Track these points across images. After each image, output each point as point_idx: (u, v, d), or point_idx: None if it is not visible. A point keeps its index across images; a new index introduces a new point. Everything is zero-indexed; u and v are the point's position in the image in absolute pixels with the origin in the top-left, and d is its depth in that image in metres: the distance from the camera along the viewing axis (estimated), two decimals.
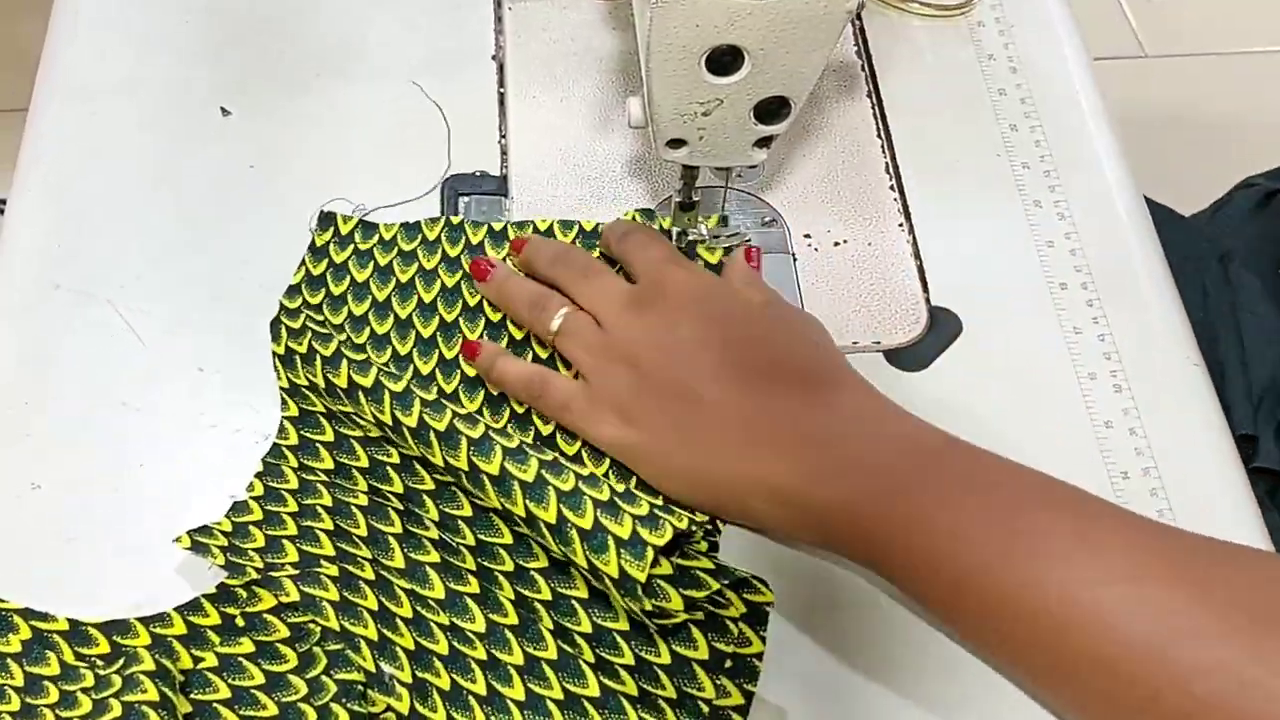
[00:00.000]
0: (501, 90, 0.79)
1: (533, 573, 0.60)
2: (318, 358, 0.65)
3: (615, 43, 0.81)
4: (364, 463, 0.64)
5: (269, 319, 0.68)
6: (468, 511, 0.62)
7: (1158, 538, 0.52)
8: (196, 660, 0.57)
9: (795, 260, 0.73)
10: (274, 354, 0.67)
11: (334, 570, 0.59)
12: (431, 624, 0.58)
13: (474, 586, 0.59)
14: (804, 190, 0.75)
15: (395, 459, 0.64)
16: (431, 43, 0.80)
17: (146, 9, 0.81)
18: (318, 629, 0.57)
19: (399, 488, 0.63)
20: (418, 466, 0.63)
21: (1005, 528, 0.52)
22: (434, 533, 0.61)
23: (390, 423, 0.62)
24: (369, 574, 0.59)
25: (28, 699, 0.56)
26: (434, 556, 0.60)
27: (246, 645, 0.58)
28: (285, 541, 0.61)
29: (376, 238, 0.71)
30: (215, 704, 0.56)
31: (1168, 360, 0.69)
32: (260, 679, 0.57)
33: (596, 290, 0.65)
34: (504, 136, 0.76)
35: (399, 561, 0.60)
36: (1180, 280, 0.74)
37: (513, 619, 0.58)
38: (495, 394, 0.66)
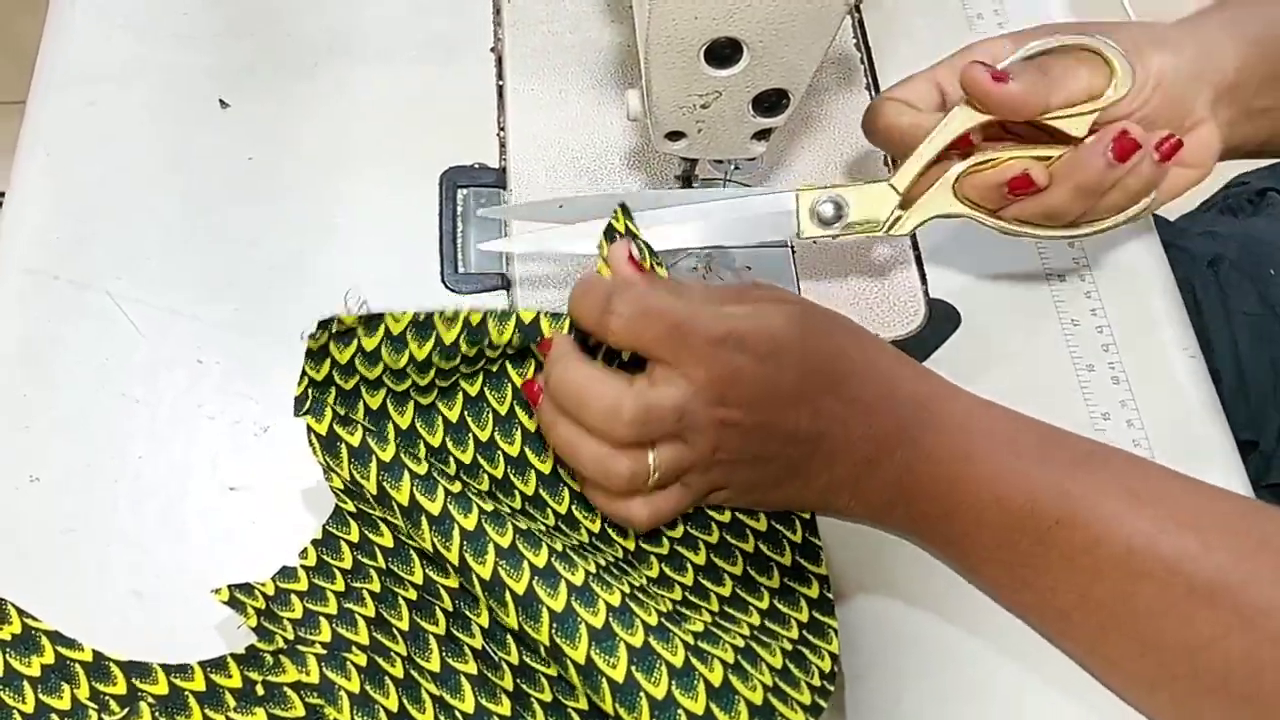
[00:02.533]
0: (500, 82, 0.78)
1: (570, 711, 0.56)
2: (374, 461, 0.57)
3: (614, 35, 0.80)
4: (427, 544, 0.58)
5: (267, 310, 0.68)
6: (515, 625, 0.56)
7: (1208, 491, 0.53)
8: None
9: (794, 253, 0.73)
10: (310, 430, 0.58)
11: (362, 659, 0.57)
12: None
13: (505, 708, 0.56)
14: (802, 182, 0.75)
15: (454, 555, 0.58)
16: (430, 34, 0.80)
17: (144, 1, 0.81)
18: (331, 717, 0.56)
19: (454, 583, 0.59)
20: (473, 574, 0.58)
21: (1060, 490, 0.52)
22: (478, 641, 0.58)
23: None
24: (398, 671, 0.57)
25: None
26: (471, 667, 0.57)
27: (259, 716, 0.56)
28: (322, 619, 0.58)
29: (382, 331, 0.59)
30: None
31: (1165, 352, 0.70)
32: None
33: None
34: (502, 128, 0.76)
35: (435, 665, 0.57)
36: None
37: None
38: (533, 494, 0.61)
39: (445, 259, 0.71)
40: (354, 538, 0.60)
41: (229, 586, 0.58)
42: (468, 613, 0.58)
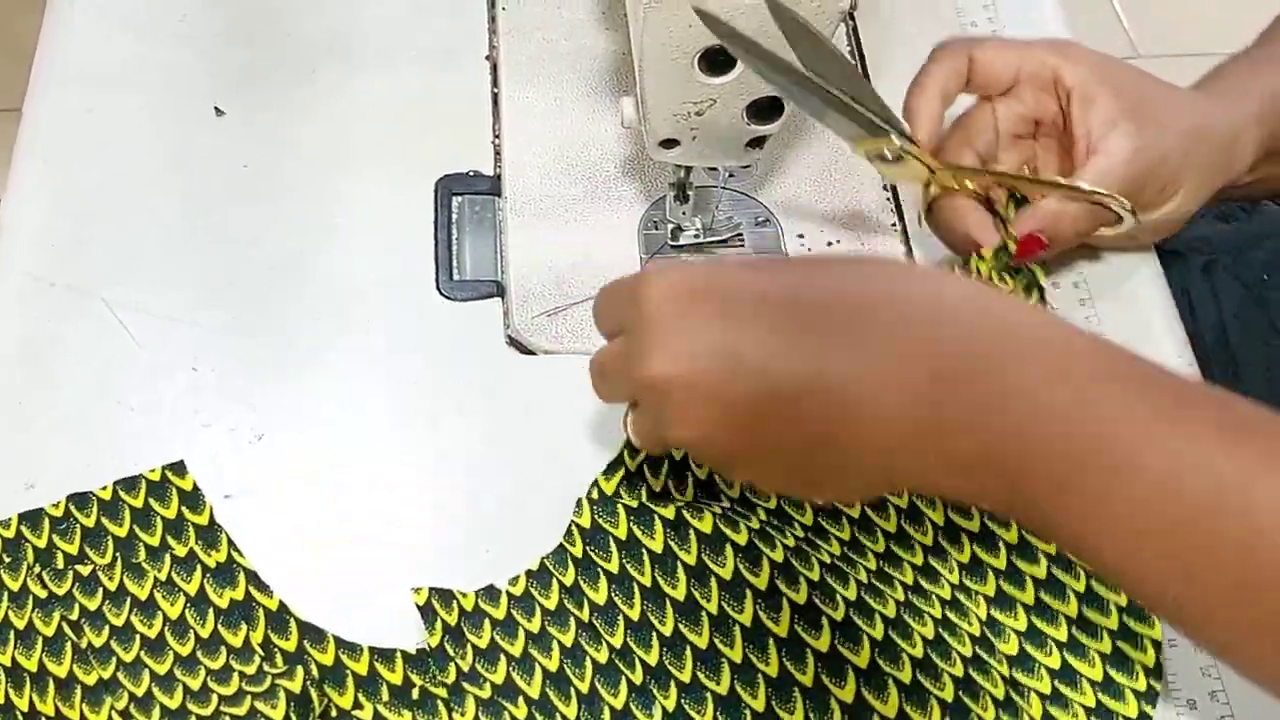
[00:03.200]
0: (495, 90, 0.79)
1: None
2: (657, 519, 0.59)
3: (608, 42, 0.81)
4: (635, 615, 0.58)
5: (265, 315, 0.69)
6: (708, 718, 0.56)
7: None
8: (356, 705, 0.57)
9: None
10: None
11: (522, 714, 0.56)
12: None
13: None
14: (797, 190, 0.76)
15: (667, 628, 0.57)
16: (425, 42, 0.81)
17: (142, 4, 0.81)
18: None
19: (653, 658, 0.57)
20: (687, 650, 0.57)
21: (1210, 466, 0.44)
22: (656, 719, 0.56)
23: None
24: None
25: (200, 652, 0.58)
26: None
27: (405, 719, 0.56)
28: (503, 659, 0.58)
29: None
30: None
31: (1161, 358, 0.70)
32: None
33: None
34: (497, 136, 0.77)
35: None
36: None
37: None
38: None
39: (440, 266, 0.72)
40: (568, 581, 0.59)
41: (430, 590, 0.59)
42: (655, 690, 0.56)
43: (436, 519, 0.63)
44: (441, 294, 0.71)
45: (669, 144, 0.66)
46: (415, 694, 0.57)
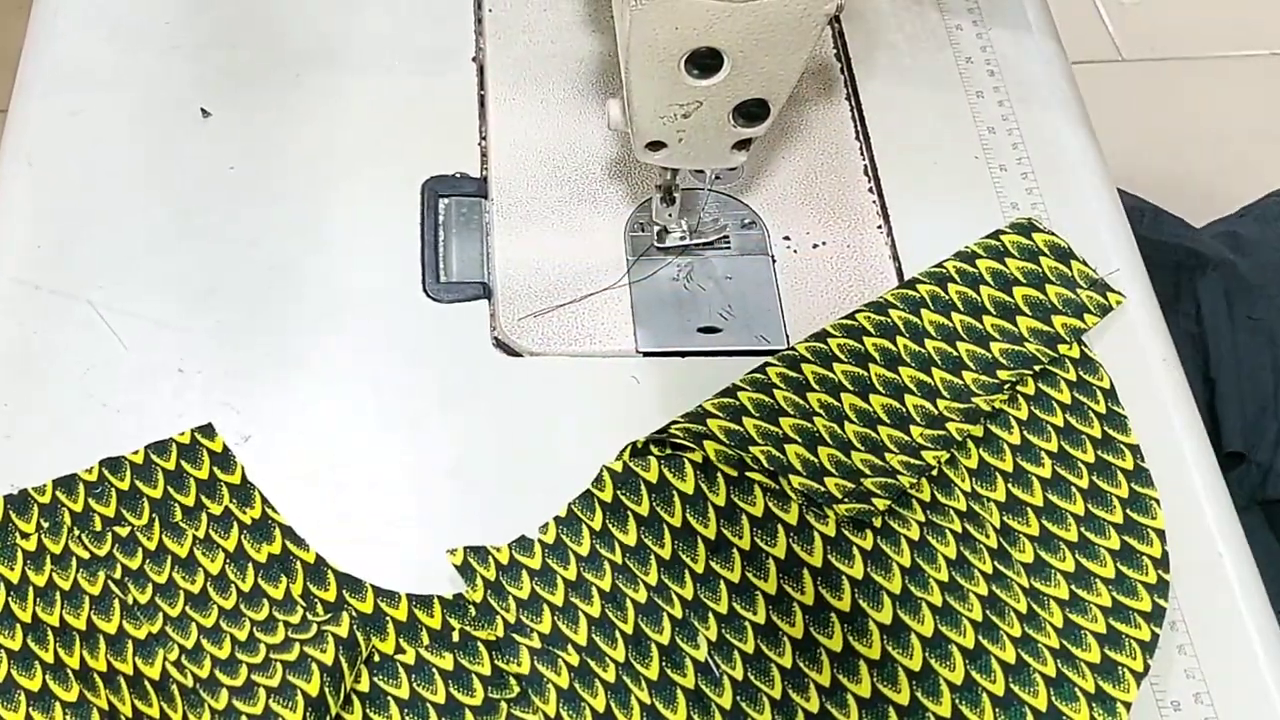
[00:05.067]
0: (482, 92, 0.79)
1: None
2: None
3: (595, 45, 0.81)
4: (666, 554, 0.60)
5: (251, 319, 0.69)
6: (749, 648, 0.58)
7: None
8: (399, 650, 0.58)
9: (774, 262, 0.73)
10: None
11: (575, 659, 0.58)
12: None
13: None
14: (783, 192, 0.76)
15: (699, 565, 0.60)
16: (411, 44, 0.81)
17: (128, 7, 0.81)
18: (517, 685, 0.57)
19: (689, 593, 0.59)
20: (720, 584, 0.59)
21: None
22: (702, 654, 0.58)
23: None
24: (609, 675, 0.58)
25: (242, 605, 0.59)
26: (689, 681, 0.57)
27: (447, 661, 0.58)
28: (546, 608, 0.59)
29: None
30: (390, 697, 0.57)
31: (1145, 359, 0.70)
32: (441, 698, 0.57)
33: None
34: (484, 138, 0.77)
35: (652, 673, 0.58)
36: (1172, 290, 0.73)
37: None
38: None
39: (427, 268, 0.72)
40: (596, 525, 0.61)
41: (465, 549, 0.60)
42: (695, 623, 0.59)
43: (422, 520, 0.63)
44: (428, 296, 0.71)
45: (655, 146, 0.66)
46: (455, 636, 0.58)
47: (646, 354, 0.69)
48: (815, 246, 0.73)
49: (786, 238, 0.74)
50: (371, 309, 0.70)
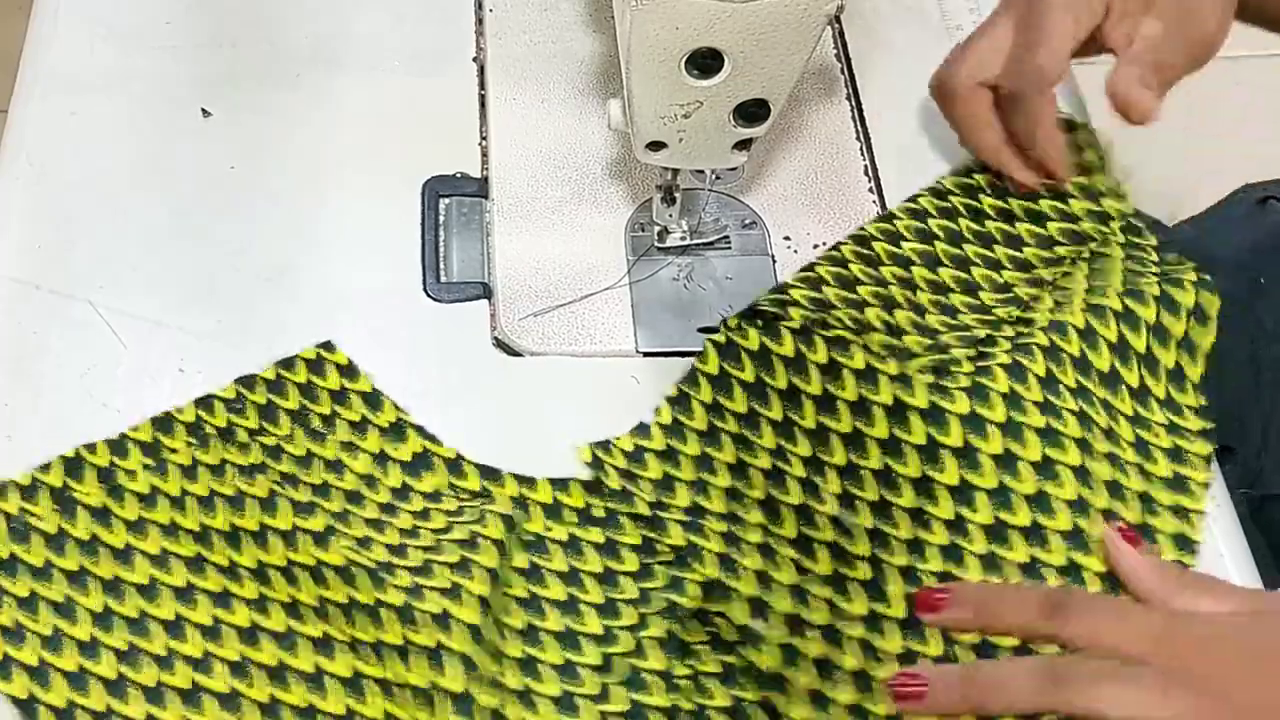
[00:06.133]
0: (482, 92, 0.79)
1: (921, 574, 0.58)
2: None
3: (596, 45, 0.81)
4: (777, 415, 0.63)
5: (250, 319, 0.69)
6: (873, 495, 0.60)
7: None
8: (547, 528, 0.60)
9: (775, 263, 0.73)
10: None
11: (721, 526, 0.61)
12: (810, 595, 0.58)
13: (862, 573, 0.59)
14: (784, 192, 0.76)
15: (809, 421, 0.62)
16: (412, 44, 0.81)
17: (128, 8, 0.81)
18: (666, 549, 0.60)
19: (806, 451, 0.62)
20: (833, 437, 0.62)
21: None
22: (831, 507, 0.60)
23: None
24: (754, 538, 0.60)
25: (397, 500, 0.62)
26: (827, 534, 0.60)
27: (597, 534, 0.61)
28: (679, 484, 0.62)
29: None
30: (546, 570, 0.59)
31: None
32: (598, 568, 0.60)
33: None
34: (484, 138, 0.77)
35: (790, 531, 0.60)
36: None
37: (898, 611, 0.57)
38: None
39: (427, 268, 0.72)
40: (706, 398, 0.64)
41: (590, 446, 0.63)
42: (817, 480, 0.61)
43: None
44: (429, 296, 0.71)
45: (656, 146, 0.66)
46: (600, 513, 0.62)
47: (647, 354, 0.69)
48: (815, 246, 0.73)
49: (787, 238, 0.74)
50: (372, 309, 0.70)
